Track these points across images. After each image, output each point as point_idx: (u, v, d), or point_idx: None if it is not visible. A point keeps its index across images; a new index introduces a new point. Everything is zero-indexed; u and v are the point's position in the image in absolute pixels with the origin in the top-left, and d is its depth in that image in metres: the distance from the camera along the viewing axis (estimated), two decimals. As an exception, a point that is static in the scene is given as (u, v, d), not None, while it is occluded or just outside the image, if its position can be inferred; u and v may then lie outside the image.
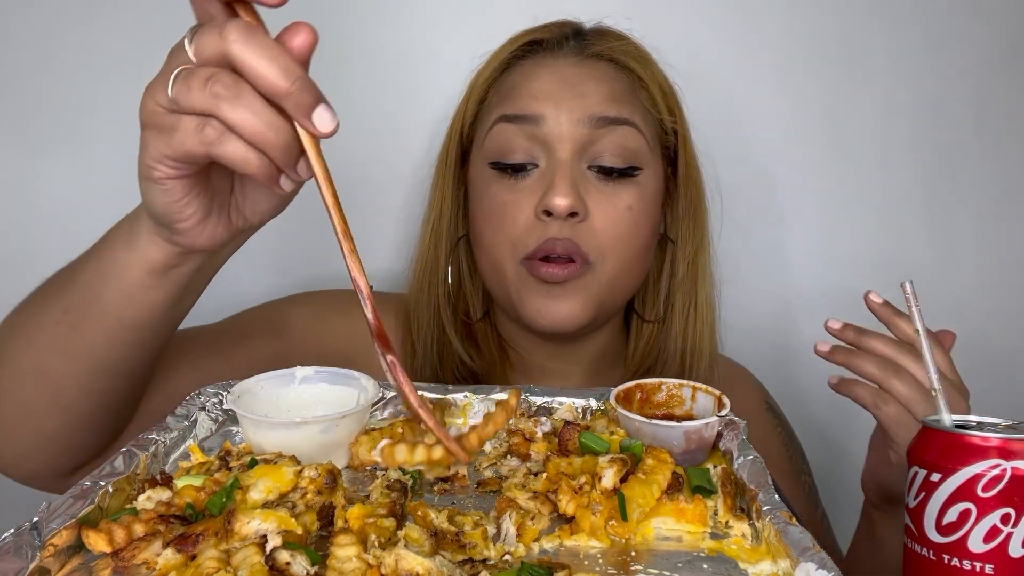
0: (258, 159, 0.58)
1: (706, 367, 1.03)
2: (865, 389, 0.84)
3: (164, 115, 0.59)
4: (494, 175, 0.95)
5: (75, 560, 0.54)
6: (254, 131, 0.57)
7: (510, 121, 0.94)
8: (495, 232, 0.95)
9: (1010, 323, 1.34)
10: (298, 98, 0.56)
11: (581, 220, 0.91)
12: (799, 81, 1.28)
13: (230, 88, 0.56)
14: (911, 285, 0.69)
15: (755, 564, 0.55)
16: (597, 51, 0.97)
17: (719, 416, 0.70)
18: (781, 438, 1.10)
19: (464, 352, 1.02)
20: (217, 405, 0.79)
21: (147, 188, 0.64)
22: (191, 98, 0.56)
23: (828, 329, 0.88)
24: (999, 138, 1.30)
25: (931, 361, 0.67)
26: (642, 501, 0.59)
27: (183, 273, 0.71)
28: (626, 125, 0.93)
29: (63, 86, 1.20)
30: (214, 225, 0.68)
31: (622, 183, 0.94)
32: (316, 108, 0.57)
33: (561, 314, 0.93)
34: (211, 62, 0.57)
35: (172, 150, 0.59)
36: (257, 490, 0.58)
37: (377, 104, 1.24)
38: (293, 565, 0.50)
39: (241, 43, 0.55)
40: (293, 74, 0.56)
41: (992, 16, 1.27)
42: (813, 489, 1.12)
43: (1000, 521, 0.57)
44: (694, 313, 1.03)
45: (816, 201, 1.32)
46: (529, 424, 0.75)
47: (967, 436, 0.59)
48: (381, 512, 0.56)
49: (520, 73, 0.98)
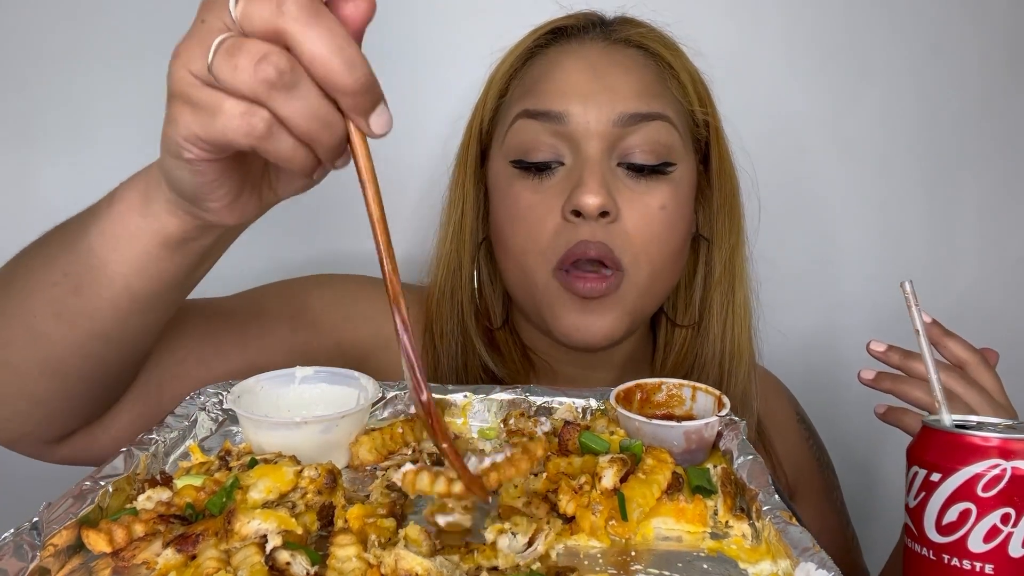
0: (304, 155, 0.52)
1: (745, 373, 0.97)
2: (914, 419, 0.80)
3: (200, 89, 0.51)
4: (517, 174, 0.89)
5: (75, 560, 0.54)
6: (307, 128, 0.50)
7: (533, 117, 0.88)
8: (523, 238, 0.89)
9: (1010, 323, 1.34)
10: (360, 97, 0.50)
11: (612, 220, 0.86)
12: (798, 80, 1.28)
13: (285, 75, 0.48)
14: (911, 285, 0.69)
15: (755, 564, 0.55)
16: (625, 36, 0.92)
17: (719, 416, 0.70)
18: (813, 452, 1.07)
19: (489, 359, 0.97)
20: (217, 405, 0.79)
21: (174, 165, 0.56)
22: (237, 79, 0.48)
23: (871, 352, 0.83)
24: (999, 138, 1.30)
25: (930, 361, 0.67)
26: (642, 501, 0.59)
27: (201, 245, 0.65)
28: (658, 120, 0.88)
29: (63, 86, 1.20)
30: (244, 203, 0.61)
31: (655, 180, 0.88)
32: (376, 108, 0.51)
33: (597, 330, 0.88)
34: (261, 35, 0.48)
35: (210, 134, 0.51)
36: (257, 490, 0.58)
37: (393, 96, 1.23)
38: (293, 565, 0.50)
39: (303, 22, 0.47)
40: (359, 68, 0.48)
41: (993, 17, 1.28)
42: (843, 506, 1.08)
43: (1000, 521, 0.57)
44: (732, 316, 0.97)
45: (814, 201, 1.32)
46: (529, 424, 0.75)
47: (967, 436, 0.59)
48: (381, 512, 0.56)
49: (544, 63, 0.92)
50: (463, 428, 0.81)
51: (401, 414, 0.81)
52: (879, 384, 0.83)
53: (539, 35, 0.94)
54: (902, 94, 1.29)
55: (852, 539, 1.06)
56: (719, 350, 0.97)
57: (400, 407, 0.82)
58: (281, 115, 0.49)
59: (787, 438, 1.04)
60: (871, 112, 1.29)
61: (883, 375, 0.83)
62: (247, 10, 0.48)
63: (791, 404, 1.10)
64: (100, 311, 0.67)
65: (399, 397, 0.82)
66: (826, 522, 1.03)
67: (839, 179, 1.31)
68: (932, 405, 0.77)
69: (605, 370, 1.00)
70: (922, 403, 0.80)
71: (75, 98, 1.21)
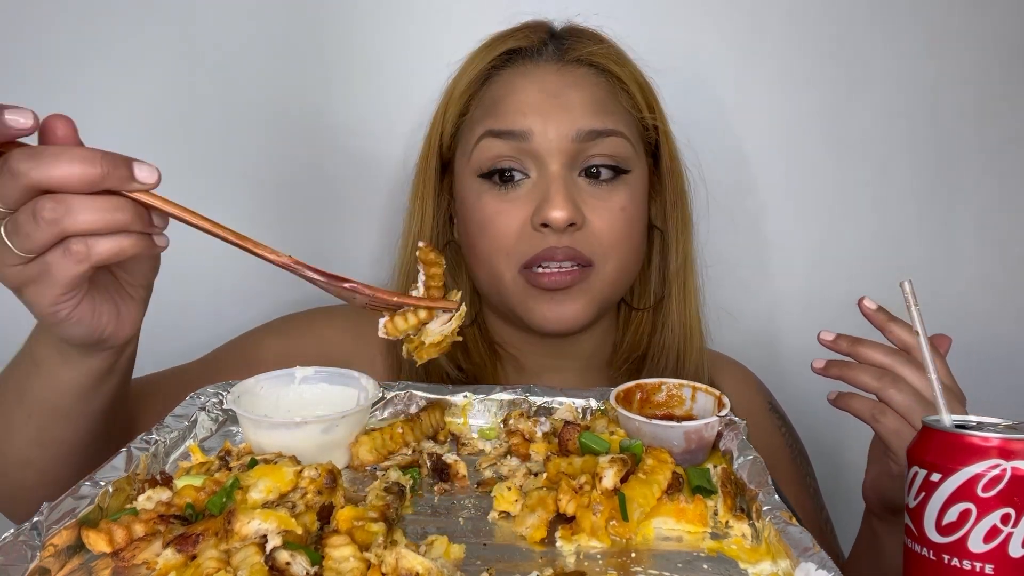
0: (128, 240, 0.63)
1: (697, 353, 1.05)
2: (862, 402, 0.83)
3: (25, 268, 0.62)
4: (485, 187, 0.96)
5: (75, 560, 0.54)
6: (105, 223, 0.60)
7: (497, 136, 0.94)
8: (490, 242, 0.95)
9: (1010, 324, 1.34)
10: (114, 173, 0.60)
11: (579, 228, 0.92)
12: (798, 81, 1.28)
13: (57, 207, 0.59)
14: (910, 285, 0.69)
15: (755, 564, 0.55)
16: (577, 56, 0.98)
17: (719, 416, 0.70)
18: (785, 440, 1.09)
19: (447, 361, 1.01)
20: (217, 405, 0.80)
21: (60, 330, 0.67)
22: (35, 240, 0.59)
23: (821, 341, 0.86)
24: (999, 138, 1.30)
25: (931, 362, 0.67)
26: (642, 501, 0.59)
27: (126, 358, 0.77)
28: (613, 135, 0.95)
29: (63, 86, 1.20)
30: (126, 312, 0.71)
31: (614, 185, 0.95)
32: (133, 170, 0.61)
33: (567, 316, 0.94)
34: (22, 199, 0.59)
35: (60, 287, 0.62)
36: (257, 490, 0.58)
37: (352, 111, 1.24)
38: (293, 565, 0.50)
39: (34, 168, 0.58)
40: (94, 158, 0.59)
41: (992, 16, 1.27)
42: (817, 493, 1.11)
43: (1000, 521, 0.57)
44: (685, 302, 1.05)
45: (815, 201, 1.32)
46: (528, 424, 0.75)
47: (967, 436, 0.59)
48: (372, 515, 0.56)
49: (502, 85, 0.98)
50: (463, 428, 0.81)
51: (401, 414, 0.81)
52: (828, 372, 0.85)
53: (494, 55, 1.00)
54: (902, 94, 1.29)
55: (826, 523, 1.09)
56: (679, 333, 1.05)
57: (400, 407, 0.82)
58: (82, 231, 0.60)
59: (758, 425, 1.07)
60: (870, 112, 1.29)
61: (832, 363, 0.85)
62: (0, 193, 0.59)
63: (761, 393, 1.13)
64: (68, 432, 0.78)
65: (399, 397, 0.82)
66: (801, 509, 1.05)
67: (838, 179, 1.31)
68: (878, 388, 0.80)
69: (572, 358, 1.06)
70: (869, 386, 0.81)
71: (75, 98, 1.21)
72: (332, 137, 1.24)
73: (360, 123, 1.24)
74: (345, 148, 1.25)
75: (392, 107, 1.23)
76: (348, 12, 1.22)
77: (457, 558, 0.55)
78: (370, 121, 1.24)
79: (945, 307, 1.29)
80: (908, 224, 1.32)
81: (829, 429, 1.29)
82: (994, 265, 1.33)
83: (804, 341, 1.33)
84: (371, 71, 1.24)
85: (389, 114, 1.23)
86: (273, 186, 1.26)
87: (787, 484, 1.04)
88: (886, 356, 0.82)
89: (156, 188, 0.63)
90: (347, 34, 1.23)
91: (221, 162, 1.24)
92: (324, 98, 1.24)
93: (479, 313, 1.07)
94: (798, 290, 1.33)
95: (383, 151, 1.22)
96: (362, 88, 1.24)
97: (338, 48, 1.23)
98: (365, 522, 0.55)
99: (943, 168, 1.31)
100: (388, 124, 1.22)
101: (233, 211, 1.22)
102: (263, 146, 1.24)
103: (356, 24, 1.23)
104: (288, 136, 1.24)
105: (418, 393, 0.82)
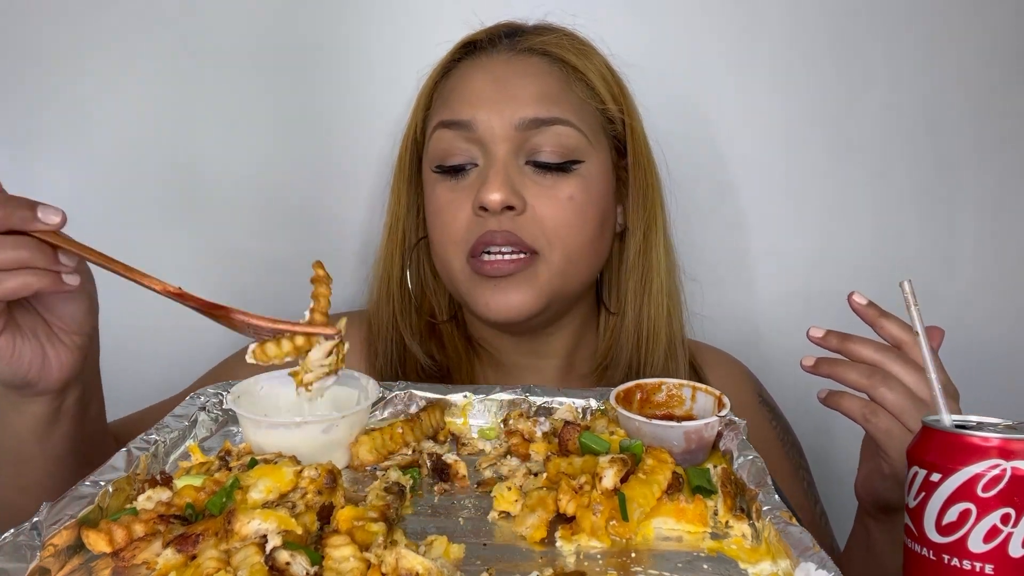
0: (32, 276, 0.66)
1: (663, 354, 1.02)
2: (853, 401, 0.81)
3: None
4: (439, 178, 0.97)
5: (75, 560, 0.54)
6: (8, 260, 0.64)
7: (447, 127, 0.96)
8: (440, 232, 0.97)
9: (1010, 323, 1.34)
10: (17, 212, 0.64)
11: (519, 213, 0.92)
12: (798, 80, 1.28)
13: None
14: (910, 284, 0.68)
15: (755, 564, 0.55)
16: (529, 46, 0.98)
17: (719, 416, 0.70)
18: (777, 433, 1.08)
19: (423, 355, 1.03)
20: (217, 405, 0.80)
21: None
22: None
23: (810, 338, 0.85)
24: (998, 138, 1.30)
25: (931, 362, 0.67)
26: (643, 501, 0.59)
27: (74, 399, 0.78)
28: (559, 124, 0.94)
29: (62, 86, 1.20)
30: (55, 357, 0.73)
31: (561, 176, 0.94)
32: (36, 212, 0.65)
33: (509, 305, 0.93)
34: None
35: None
36: (257, 490, 0.58)
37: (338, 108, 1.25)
38: (293, 565, 0.50)
39: None
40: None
41: (991, 16, 1.27)
42: (811, 486, 1.10)
43: (1000, 521, 0.57)
44: (648, 299, 1.02)
45: (815, 200, 1.32)
46: (528, 424, 0.75)
47: (967, 436, 0.59)
48: (372, 515, 0.56)
49: (456, 77, 1.00)
50: (463, 428, 0.81)
51: (401, 414, 0.81)
52: (818, 370, 0.84)
53: (454, 51, 1.02)
54: (902, 93, 1.29)
55: (821, 516, 1.07)
56: (634, 332, 1.02)
57: (400, 407, 0.82)
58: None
59: (748, 419, 1.04)
60: (870, 112, 1.29)
61: (822, 360, 0.84)
62: None
63: (752, 387, 1.12)
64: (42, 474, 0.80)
65: (399, 398, 0.82)
66: (794, 502, 1.04)
67: (838, 179, 1.31)
68: (869, 386, 0.78)
69: (549, 357, 1.06)
70: (858, 384, 0.80)
71: (75, 98, 1.21)
72: (322, 134, 1.25)
73: (347, 121, 1.25)
74: (333, 146, 1.25)
75: (379, 106, 1.23)
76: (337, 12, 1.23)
77: (457, 558, 0.55)
78: (358, 120, 1.25)
79: (945, 307, 1.29)
80: (907, 224, 1.32)
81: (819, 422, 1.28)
82: (994, 265, 1.33)
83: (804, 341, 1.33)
84: (361, 70, 1.25)
85: (376, 113, 1.23)
86: (272, 186, 1.26)
87: (780, 478, 1.03)
88: (876, 353, 0.80)
89: (63, 228, 0.66)
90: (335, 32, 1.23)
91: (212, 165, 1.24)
92: (310, 95, 1.24)
93: (458, 312, 1.08)
94: (798, 290, 1.33)
95: (371, 150, 1.23)
96: (347, 87, 1.25)
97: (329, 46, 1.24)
98: (365, 522, 0.55)
99: (942, 168, 1.31)
100: (376, 123, 1.22)
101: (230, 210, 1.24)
102: (260, 146, 1.24)
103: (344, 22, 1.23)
104: (286, 135, 1.24)
105: (418, 393, 0.82)
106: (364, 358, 1.06)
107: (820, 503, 1.10)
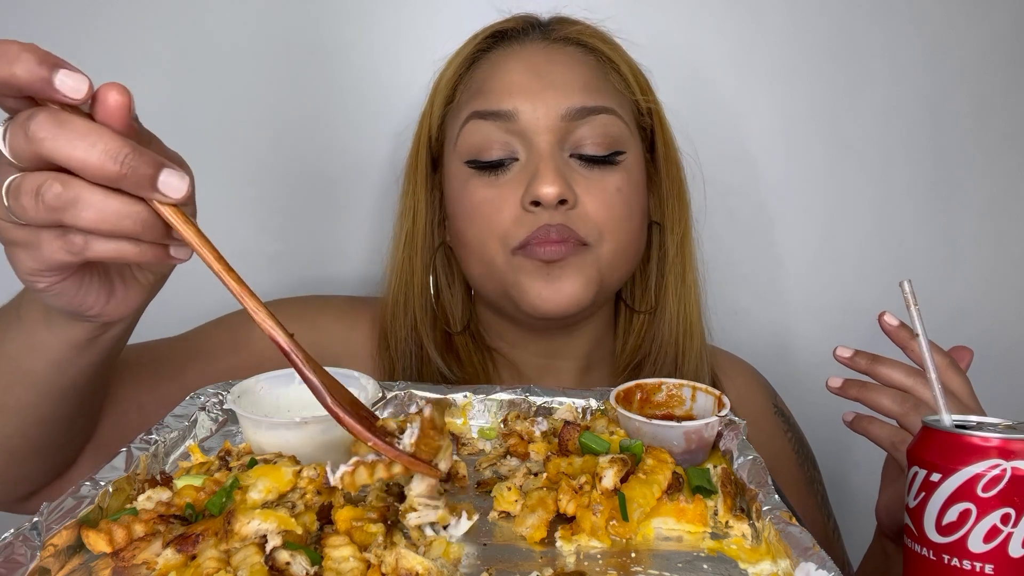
0: (133, 247, 0.56)
1: (697, 351, 1.01)
2: (882, 428, 0.79)
3: (16, 230, 0.55)
4: (472, 173, 0.92)
5: (75, 560, 0.54)
6: (109, 228, 0.53)
7: (484, 118, 0.91)
8: (481, 229, 0.91)
9: (1009, 323, 1.34)
10: (134, 176, 0.52)
11: (571, 207, 0.88)
12: (798, 80, 1.28)
13: (62, 195, 0.52)
14: (910, 284, 0.68)
15: (755, 564, 0.55)
16: (564, 35, 0.95)
17: (719, 416, 0.70)
18: (792, 444, 1.06)
19: (444, 365, 0.99)
20: (217, 405, 0.79)
21: (38, 294, 0.61)
22: (30, 216, 0.53)
23: (838, 358, 0.82)
24: (999, 138, 1.30)
25: (931, 362, 0.67)
26: (643, 501, 0.59)
27: (109, 338, 0.70)
28: (604, 113, 0.91)
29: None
30: (123, 296, 0.65)
31: (607, 168, 0.91)
32: (159, 177, 0.53)
33: (564, 294, 0.88)
34: (32, 164, 0.53)
35: (43, 264, 0.56)
36: (257, 490, 0.58)
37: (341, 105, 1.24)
38: (293, 565, 0.50)
39: (52, 139, 0.51)
40: (119, 153, 0.51)
41: (992, 16, 1.28)
42: (825, 499, 1.07)
43: (1000, 521, 0.57)
44: (684, 296, 1.01)
45: (814, 200, 1.32)
46: (526, 424, 0.75)
47: (967, 436, 0.59)
48: (371, 516, 0.56)
49: (488, 66, 0.95)
50: (463, 428, 0.81)
51: (401, 414, 0.81)
52: (846, 392, 0.82)
53: (480, 40, 0.97)
54: (902, 93, 1.29)
55: (834, 532, 1.06)
56: (676, 329, 1.00)
57: (399, 408, 0.82)
58: (83, 227, 0.53)
59: (763, 429, 1.04)
60: (870, 111, 1.29)
61: (850, 382, 0.82)
62: (11, 146, 0.52)
63: (767, 395, 1.10)
64: (31, 403, 0.72)
65: (399, 397, 0.82)
66: (807, 516, 1.03)
67: (838, 178, 1.31)
68: (900, 414, 0.77)
69: (568, 359, 1.02)
70: (890, 411, 0.78)
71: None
72: (326, 136, 1.24)
73: (353, 120, 1.25)
74: (338, 146, 1.25)
75: (384, 104, 1.22)
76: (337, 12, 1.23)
77: (457, 558, 0.55)
78: (362, 118, 1.24)
79: (945, 307, 1.29)
80: (908, 224, 1.32)
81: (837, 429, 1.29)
82: (994, 265, 1.33)
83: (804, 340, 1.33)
84: (364, 68, 1.24)
85: (381, 111, 1.22)
86: (269, 185, 1.26)
87: (792, 489, 1.02)
88: (908, 377, 0.78)
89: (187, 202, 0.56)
90: (339, 32, 1.23)
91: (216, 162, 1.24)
92: (316, 96, 1.24)
93: (471, 320, 1.04)
94: (797, 289, 1.33)
95: (376, 148, 1.23)
96: (354, 85, 1.24)
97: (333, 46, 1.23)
98: (364, 522, 0.55)
99: (942, 168, 1.31)
100: (381, 121, 1.22)
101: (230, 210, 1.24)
102: (257, 145, 1.24)
103: (348, 22, 1.23)
104: (284, 135, 1.24)
105: (418, 393, 0.82)
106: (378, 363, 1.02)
107: (833, 517, 1.07)
